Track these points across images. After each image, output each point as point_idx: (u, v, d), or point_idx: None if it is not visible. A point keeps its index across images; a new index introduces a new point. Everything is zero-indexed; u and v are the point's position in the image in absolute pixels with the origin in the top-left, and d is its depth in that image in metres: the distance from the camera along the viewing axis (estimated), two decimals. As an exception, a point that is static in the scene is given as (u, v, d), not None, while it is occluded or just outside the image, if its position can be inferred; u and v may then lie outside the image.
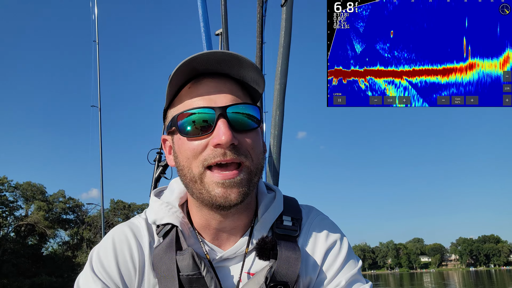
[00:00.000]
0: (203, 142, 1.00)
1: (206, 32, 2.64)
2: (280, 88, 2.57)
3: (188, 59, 0.99)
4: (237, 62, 1.01)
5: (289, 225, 1.13)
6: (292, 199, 1.24)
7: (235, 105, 1.00)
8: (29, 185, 64.00)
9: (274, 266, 1.03)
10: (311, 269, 1.11)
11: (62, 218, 67.59)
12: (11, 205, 61.03)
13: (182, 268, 1.03)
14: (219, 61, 1.01)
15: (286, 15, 2.59)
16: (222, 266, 1.11)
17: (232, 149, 0.98)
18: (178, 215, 1.11)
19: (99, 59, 11.68)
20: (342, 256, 1.13)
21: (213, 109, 0.99)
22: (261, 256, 1.06)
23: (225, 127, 0.96)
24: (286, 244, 1.08)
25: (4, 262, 53.37)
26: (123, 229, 1.15)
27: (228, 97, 1.01)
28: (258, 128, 1.06)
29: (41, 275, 56.31)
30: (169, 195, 1.18)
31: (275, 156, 2.54)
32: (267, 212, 1.13)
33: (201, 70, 1.03)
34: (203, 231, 1.12)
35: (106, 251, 1.11)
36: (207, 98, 1.01)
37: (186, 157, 1.02)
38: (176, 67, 0.99)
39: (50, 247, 67.65)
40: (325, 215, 1.23)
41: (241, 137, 1.00)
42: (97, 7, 12.02)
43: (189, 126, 1.00)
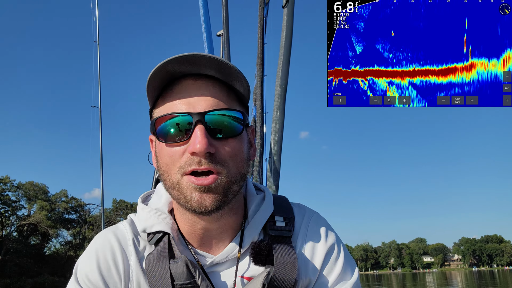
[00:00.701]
0: (181, 149, 0.97)
1: (208, 33, 2.63)
2: (281, 89, 2.58)
3: (162, 64, 0.95)
4: (215, 62, 0.96)
5: (282, 226, 1.10)
6: (282, 197, 1.21)
7: (214, 111, 0.96)
8: (31, 184, 64.07)
9: (271, 272, 1.01)
10: (311, 270, 1.09)
11: (64, 218, 67.61)
12: (13, 204, 61.12)
13: (176, 276, 1.00)
14: (193, 63, 0.97)
15: (287, 17, 2.60)
16: (213, 272, 1.08)
17: (208, 157, 0.94)
18: (169, 222, 1.08)
19: (99, 59, 11.67)
20: (342, 259, 1.11)
21: (191, 115, 0.95)
22: (257, 262, 1.04)
23: (201, 135, 0.93)
24: (282, 247, 1.05)
25: (6, 262, 53.46)
26: (107, 235, 1.12)
27: (208, 101, 0.97)
28: (242, 134, 1.01)
29: (43, 274, 56.38)
30: (157, 201, 1.14)
31: (275, 157, 2.54)
32: (257, 213, 1.10)
33: (180, 73, 1.00)
34: (190, 237, 1.09)
35: (88, 259, 1.09)
36: (186, 102, 0.97)
37: (165, 163, 0.99)
38: (151, 71, 0.96)
39: (52, 246, 67.79)
40: (317, 212, 1.20)
41: (219, 145, 0.97)
42: (98, 8, 12.01)
43: (167, 131, 0.98)
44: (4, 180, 59.60)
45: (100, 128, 11.60)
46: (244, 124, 1.02)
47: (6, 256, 54.22)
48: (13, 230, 60.70)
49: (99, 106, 11.80)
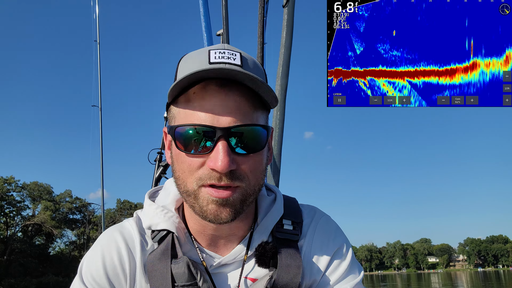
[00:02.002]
0: (200, 160, 0.93)
1: (208, 32, 2.65)
2: (281, 88, 2.57)
3: (199, 71, 0.89)
4: (243, 76, 0.91)
5: (289, 229, 1.09)
6: (292, 199, 1.20)
7: (238, 127, 0.92)
8: (36, 185, 64.30)
9: (275, 275, 1.01)
10: (315, 272, 1.09)
11: (69, 218, 67.83)
12: (18, 205, 61.36)
13: (177, 277, 1.00)
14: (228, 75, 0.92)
15: (287, 16, 2.59)
16: (220, 272, 1.07)
17: (228, 174, 0.92)
18: (175, 220, 1.07)
19: (100, 59, 11.69)
20: (347, 262, 1.11)
21: (214, 129, 0.90)
22: (261, 264, 1.03)
23: (223, 152, 0.89)
24: (287, 250, 1.05)
25: (11, 262, 53.73)
26: (113, 233, 1.11)
27: (232, 114, 0.92)
28: (264, 148, 0.98)
29: (48, 274, 56.60)
30: (164, 198, 1.12)
31: (276, 156, 2.54)
32: (266, 216, 1.09)
33: (206, 77, 0.94)
34: (198, 236, 1.08)
35: (94, 258, 1.08)
36: (210, 112, 0.91)
37: (182, 170, 0.96)
38: (183, 75, 0.90)
39: (57, 246, 68.07)
40: (328, 215, 1.19)
41: (241, 161, 0.94)
42: (98, 7, 12.04)
43: (187, 141, 0.93)
44: (9, 180, 59.85)
45: (101, 127, 11.63)
46: (268, 136, 0.98)
47: (10, 256, 54.49)
48: (18, 230, 60.97)
49: (99, 105, 11.81)
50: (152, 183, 2.59)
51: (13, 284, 49.20)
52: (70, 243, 68.73)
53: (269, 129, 1.00)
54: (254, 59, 1.01)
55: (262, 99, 0.98)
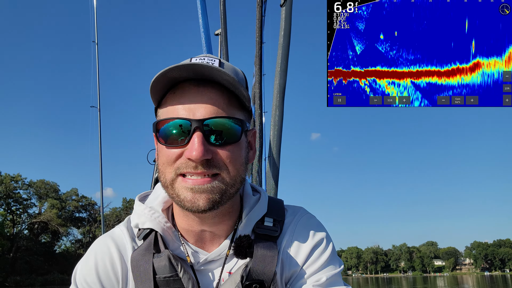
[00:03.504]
0: (178, 151, 1.01)
1: (206, 32, 2.63)
2: (280, 88, 2.58)
3: (163, 71, 0.99)
4: (217, 72, 0.99)
5: (269, 226, 1.14)
6: (278, 200, 1.25)
7: (213, 118, 1.00)
8: (42, 183, 64.91)
9: (250, 264, 1.06)
10: (294, 265, 1.13)
11: (74, 216, 68.44)
12: (24, 202, 61.97)
13: (159, 270, 1.05)
14: (196, 72, 1.01)
15: (285, 15, 2.60)
16: (206, 269, 1.13)
17: (204, 163, 0.99)
18: (160, 220, 1.13)
19: (98, 59, 11.73)
20: (326, 255, 1.14)
21: (190, 121, 0.99)
22: (238, 255, 1.08)
23: (198, 142, 0.97)
24: (264, 243, 1.10)
25: (17, 260, 54.22)
26: (105, 240, 1.17)
27: (208, 109, 1.00)
28: (241, 140, 1.05)
29: (53, 272, 57.11)
30: (153, 200, 1.19)
31: (275, 155, 2.53)
32: (250, 213, 1.14)
33: (182, 77, 1.03)
34: (186, 234, 1.14)
35: (88, 264, 1.14)
36: (187, 108, 1.00)
37: (162, 163, 1.04)
38: (153, 77, 0.99)
39: (62, 244, 68.65)
40: (312, 214, 1.24)
41: (217, 150, 1.00)
42: (96, 8, 12.09)
43: (167, 134, 1.02)
44: (16, 178, 60.46)
45: (99, 128, 11.64)
46: (243, 130, 1.05)
47: (16, 253, 54.98)
48: (24, 228, 61.52)
49: (98, 106, 11.83)
50: (152, 183, 2.60)
51: (19, 282, 49.64)
52: (76, 241, 69.31)
53: (245, 125, 1.07)
54: (234, 67, 1.10)
55: (239, 99, 1.06)
